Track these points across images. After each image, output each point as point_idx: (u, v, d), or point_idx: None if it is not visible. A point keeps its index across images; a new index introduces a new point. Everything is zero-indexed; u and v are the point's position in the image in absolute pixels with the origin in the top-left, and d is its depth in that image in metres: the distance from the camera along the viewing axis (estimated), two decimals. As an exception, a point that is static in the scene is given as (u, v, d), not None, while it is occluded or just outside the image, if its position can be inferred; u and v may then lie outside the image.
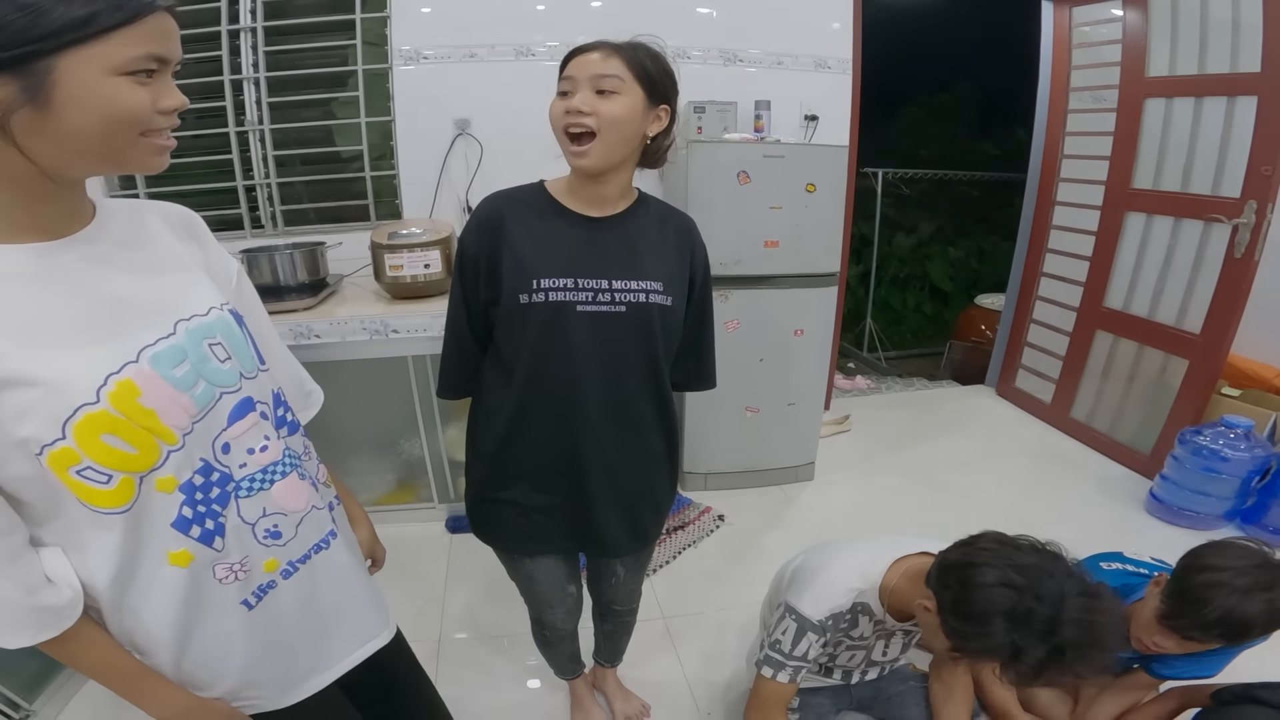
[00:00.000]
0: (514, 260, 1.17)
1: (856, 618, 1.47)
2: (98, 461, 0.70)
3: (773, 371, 2.84)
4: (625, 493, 1.37)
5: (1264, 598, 1.39)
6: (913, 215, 6.35)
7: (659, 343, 1.26)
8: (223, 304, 0.86)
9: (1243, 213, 2.76)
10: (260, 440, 0.86)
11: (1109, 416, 3.47)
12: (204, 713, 0.91)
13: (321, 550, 0.97)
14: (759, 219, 2.61)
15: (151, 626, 0.83)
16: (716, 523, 2.78)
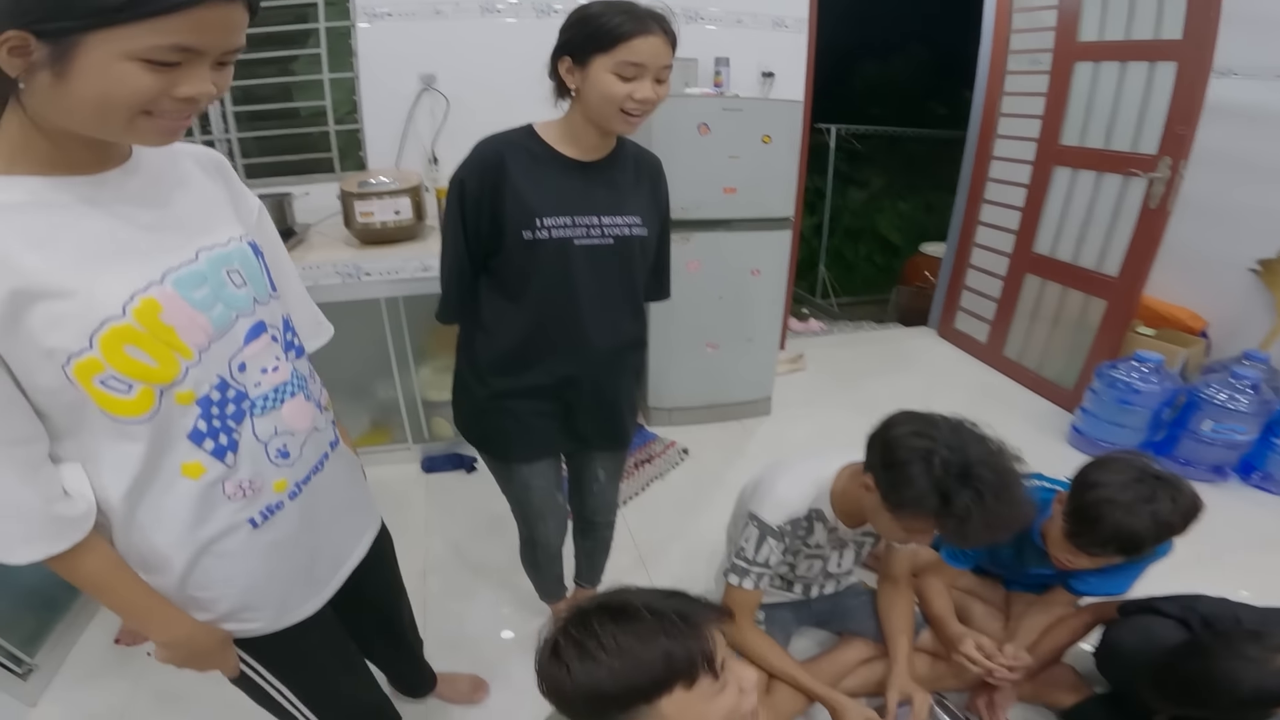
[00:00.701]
0: (517, 200, 1.25)
1: (812, 524, 1.55)
2: (120, 371, 0.72)
3: (731, 309, 2.93)
4: (608, 397, 1.49)
5: (1147, 509, 1.39)
6: (865, 171, 6.46)
7: (639, 269, 1.40)
8: (242, 236, 0.89)
9: (1158, 168, 2.90)
10: (272, 361, 0.89)
11: (1037, 355, 3.64)
12: (205, 638, 0.93)
13: (319, 471, 1.00)
14: (718, 167, 2.68)
15: (160, 543, 0.84)
16: (681, 456, 2.87)
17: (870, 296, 5.55)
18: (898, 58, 6.48)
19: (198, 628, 0.92)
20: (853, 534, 1.57)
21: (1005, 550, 1.77)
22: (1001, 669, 1.56)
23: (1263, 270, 3.16)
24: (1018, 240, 3.68)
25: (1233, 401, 2.63)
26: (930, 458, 1.20)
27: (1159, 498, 1.40)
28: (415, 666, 1.63)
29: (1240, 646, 1.23)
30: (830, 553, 1.66)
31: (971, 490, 1.17)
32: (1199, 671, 1.25)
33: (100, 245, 0.73)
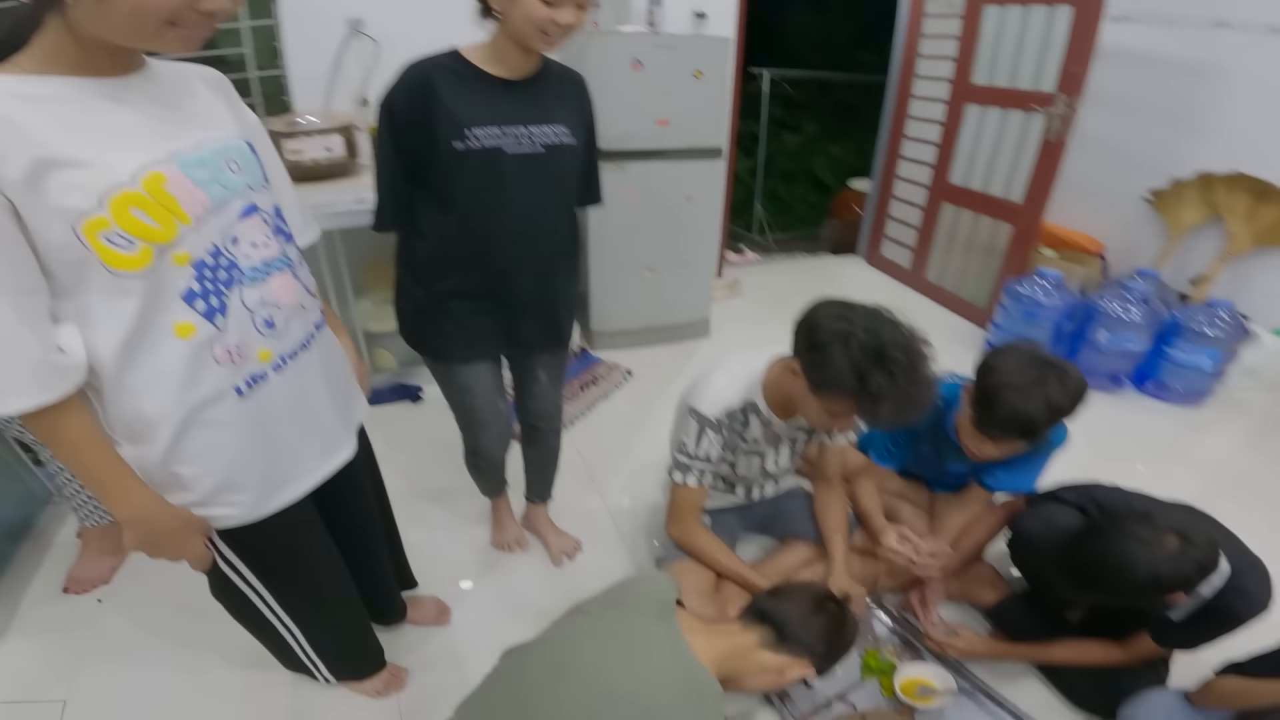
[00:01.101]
0: (446, 114, 1.29)
1: (748, 417, 1.57)
2: (125, 229, 0.78)
3: (667, 234, 3.00)
4: (546, 299, 1.55)
5: (1039, 392, 1.44)
6: (799, 116, 6.50)
7: (570, 176, 1.46)
8: (240, 135, 0.97)
9: (1056, 104, 3.07)
10: (262, 238, 0.95)
11: (954, 277, 3.83)
12: (167, 518, 0.94)
13: (307, 349, 1.05)
14: (651, 101, 2.72)
15: (149, 408, 0.87)
16: (625, 376, 2.94)
17: (804, 232, 5.63)
18: (831, 6, 6.47)
19: (161, 507, 0.94)
20: (785, 428, 1.63)
21: (926, 448, 1.85)
22: (923, 558, 1.65)
23: (1155, 199, 3.38)
24: (935, 172, 3.84)
25: (1125, 313, 2.83)
26: (849, 340, 1.25)
27: (1048, 380, 1.46)
28: (388, 591, 1.61)
29: (1132, 528, 1.26)
30: (767, 449, 1.68)
31: (885, 371, 1.22)
32: (1096, 554, 1.28)
33: (116, 130, 0.80)
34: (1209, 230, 3.21)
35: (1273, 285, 3.04)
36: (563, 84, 1.42)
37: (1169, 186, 3.29)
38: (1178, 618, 1.36)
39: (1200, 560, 1.20)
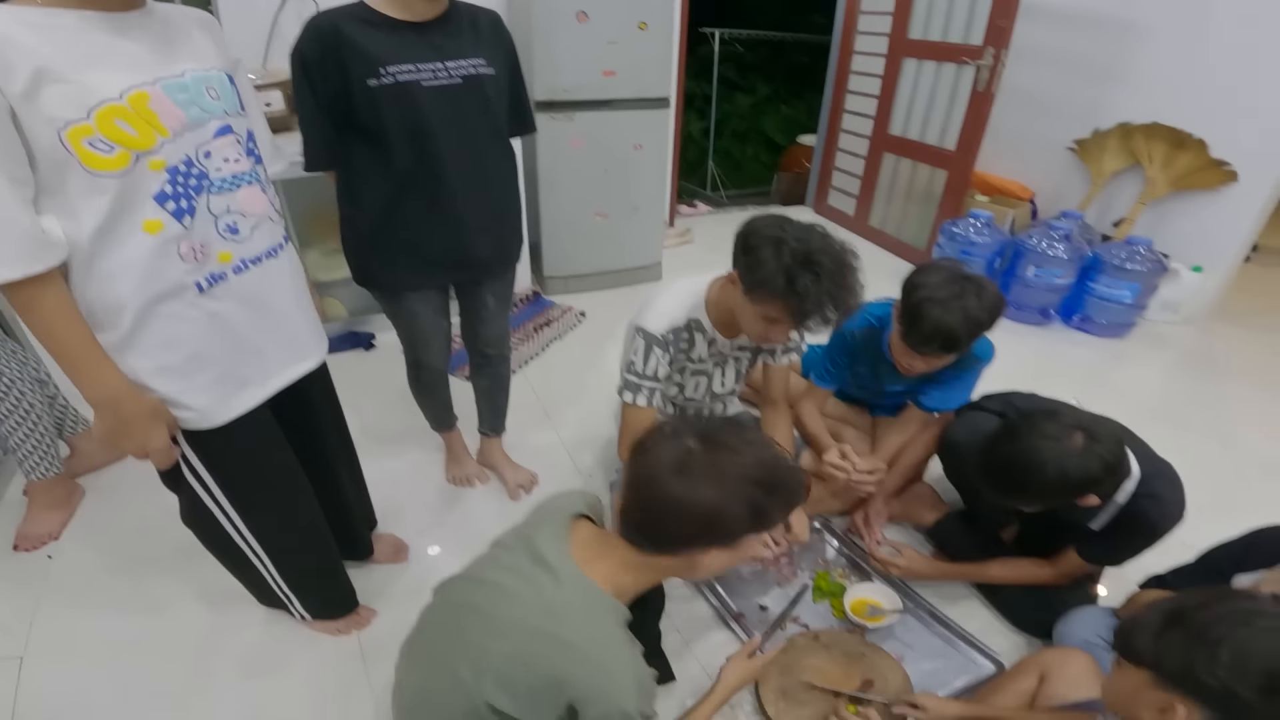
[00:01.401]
0: (357, 54, 1.31)
1: (693, 335, 1.60)
2: (106, 136, 0.87)
3: (617, 180, 2.99)
4: (489, 224, 1.57)
5: (958, 305, 1.47)
6: (752, 78, 6.49)
7: (496, 106, 1.48)
8: (221, 69, 1.05)
9: (984, 56, 3.14)
10: (234, 155, 1.03)
11: (895, 222, 3.93)
12: (133, 402, 0.98)
13: (271, 259, 1.11)
14: (598, 52, 2.70)
15: (114, 294, 0.94)
16: (578, 318, 2.96)
17: (756, 189, 5.67)
18: None
19: (129, 390, 0.98)
20: (729, 346, 1.66)
21: (864, 369, 1.89)
22: (860, 475, 1.67)
23: (1079, 148, 3.48)
24: (875, 124, 3.91)
25: (1050, 249, 2.94)
26: (780, 245, 1.28)
27: (967, 295, 1.49)
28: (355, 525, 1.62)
29: (1042, 425, 1.29)
30: (713, 370, 1.70)
31: (811, 273, 1.25)
32: (1010, 453, 1.30)
33: (111, 56, 0.90)
34: (1129, 176, 3.32)
35: (1189, 226, 3.16)
36: (476, 20, 1.45)
37: (1091, 136, 3.40)
38: (1098, 527, 1.41)
39: (1105, 457, 1.25)
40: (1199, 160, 3.03)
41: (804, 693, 1.40)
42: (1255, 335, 3.16)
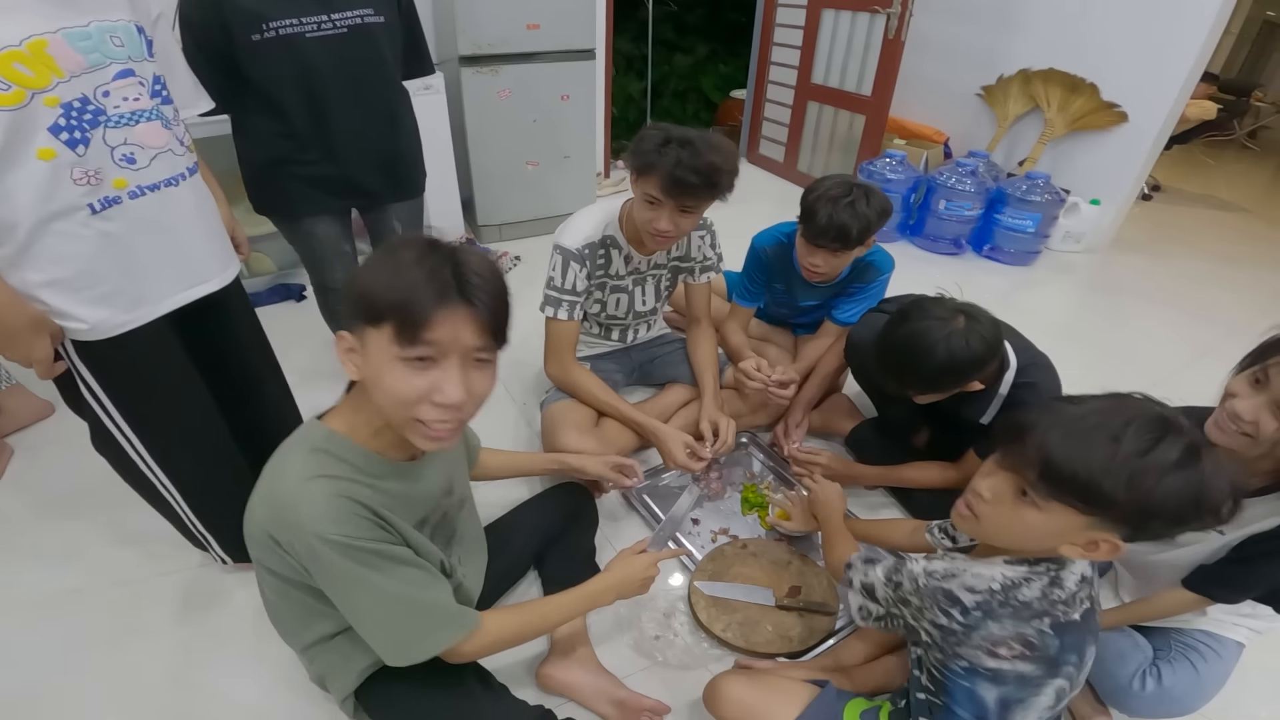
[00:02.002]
0: (238, 10, 1.38)
1: (609, 251, 1.64)
2: (4, 76, 0.90)
3: (546, 130, 2.95)
4: (377, 159, 1.63)
5: (848, 203, 1.59)
6: (690, 39, 6.46)
7: (383, 49, 1.54)
8: (131, 20, 1.07)
9: (893, 4, 3.17)
10: (134, 94, 1.05)
11: (821, 165, 3.97)
12: (15, 312, 0.99)
13: (171, 187, 1.11)
14: (520, 6, 2.64)
15: (9, 212, 0.96)
16: (514, 262, 2.94)
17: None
18: None
19: (11, 300, 0.98)
20: (646, 264, 1.69)
21: (779, 285, 1.94)
22: (775, 385, 1.73)
23: (986, 94, 3.57)
24: (799, 74, 3.92)
25: (959, 184, 3.02)
26: (660, 131, 1.40)
27: (856, 196, 1.60)
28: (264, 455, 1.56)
29: (928, 308, 1.33)
30: (632, 287, 1.74)
31: (679, 145, 1.36)
32: (901, 336, 1.34)
33: (16, 7, 0.93)
34: (1031, 118, 3.43)
35: (1086, 163, 3.29)
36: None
37: (996, 82, 3.49)
38: (987, 421, 1.45)
39: (986, 336, 1.29)
40: (1092, 103, 3.14)
41: (735, 600, 1.42)
42: (1153, 262, 3.32)
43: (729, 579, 1.45)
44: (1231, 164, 6.06)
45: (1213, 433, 1.03)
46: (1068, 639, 0.87)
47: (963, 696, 0.92)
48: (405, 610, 0.89)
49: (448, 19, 2.70)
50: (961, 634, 0.89)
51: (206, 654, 1.35)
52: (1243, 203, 4.63)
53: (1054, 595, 0.87)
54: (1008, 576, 0.88)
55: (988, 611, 0.87)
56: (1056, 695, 0.89)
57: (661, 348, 1.96)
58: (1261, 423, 0.96)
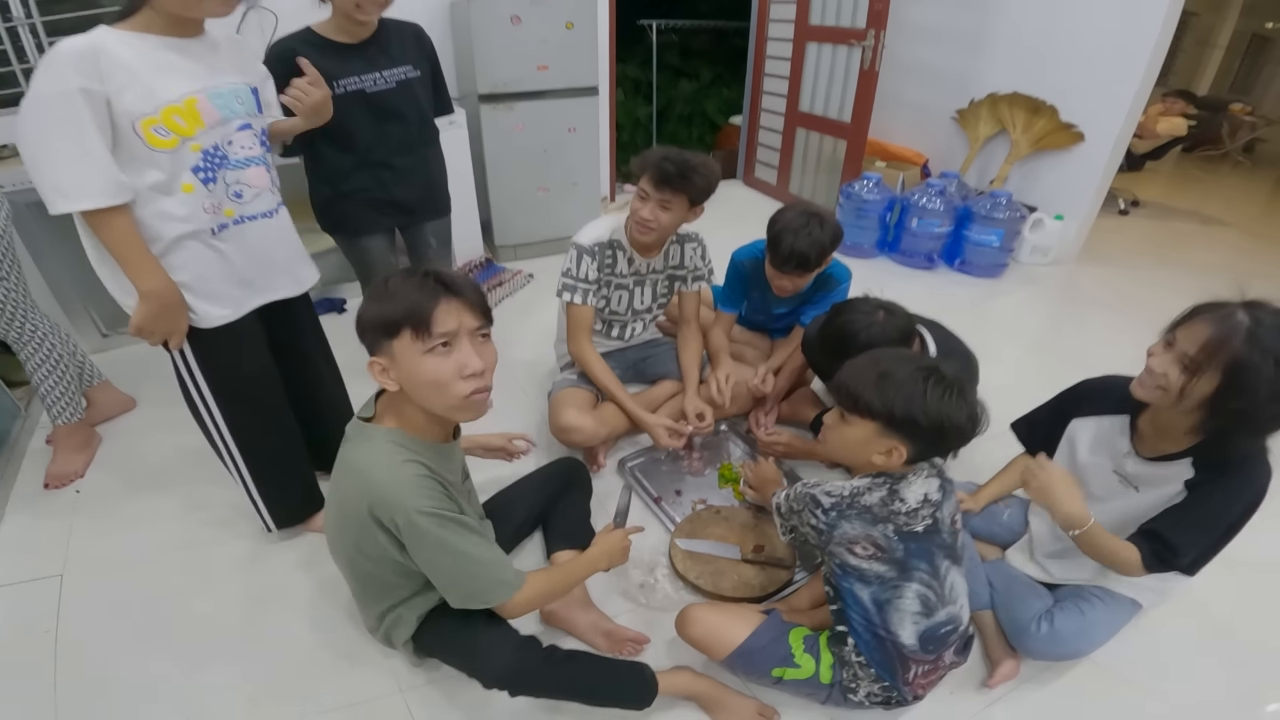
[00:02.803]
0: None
1: (615, 253, 1.91)
2: (166, 126, 1.21)
3: (556, 159, 3.23)
4: (421, 184, 1.95)
5: (805, 233, 1.82)
6: (695, 64, 6.59)
7: (422, 98, 1.88)
8: (246, 82, 1.38)
9: (867, 38, 3.42)
10: (249, 145, 1.36)
11: (810, 188, 4.21)
12: (171, 292, 1.29)
13: (265, 219, 1.42)
14: (531, 50, 2.93)
15: (159, 227, 1.26)
16: (527, 279, 3.21)
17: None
18: None
19: (169, 283, 1.29)
20: (646, 268, 1.96)
21: (755, 295, 2.21)
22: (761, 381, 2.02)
23: (959, 117, 3.80)
24: (788, 103, 4.18)
25: (929, 203, 3.26)
26: (652, 150, 1.71)
27: (812, 225, 1.84)
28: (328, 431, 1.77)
29: (858, 305, 1.64)
30: (633, 287, 2.00)
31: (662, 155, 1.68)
32: (834, 327, 1.64)
33: (176, 69, 1.23)
34: (1000, 139, 3.65)
35: (1050, 180, 3.51)
36: (403, 35, 1.83)
37: (968, 105, 3.73)
38: None
39: (900, 325, 1.58)
40: (1052, 124, 3.36)
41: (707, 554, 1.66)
42: (1119, 272, 3.48)
43: (703, 537, 1.70)
44: (1226, 178, 6.15)
45: (1136, 389, 1.23)
46: (913, 546, 1.14)
47: (849, 598, 1.19)
48: (476, 569, 1.12)
49: (468, 62, 3.00)
50: (826, 531, 1.17)
51: (264, 603, 1.60)
52: (1221, 216, 4.76)
53: (894, 506, 1.15)
54: (854, 486, 1.17)
55: (840, 512, 1.16)
56: (921, 601, 1.15)
57: (654, 348, 2.21)
58: (1170, 375, 1.15)
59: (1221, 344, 1.08)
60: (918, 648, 1.19)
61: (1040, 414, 1.54)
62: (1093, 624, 1.36)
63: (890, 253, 3.58)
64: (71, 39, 1.15)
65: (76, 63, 1.12)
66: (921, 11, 3.78)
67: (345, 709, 1.35)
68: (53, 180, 1.17)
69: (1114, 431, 1.36)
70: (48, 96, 1.13)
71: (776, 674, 1.28)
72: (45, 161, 1.16)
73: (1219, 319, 1.10)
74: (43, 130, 1.15)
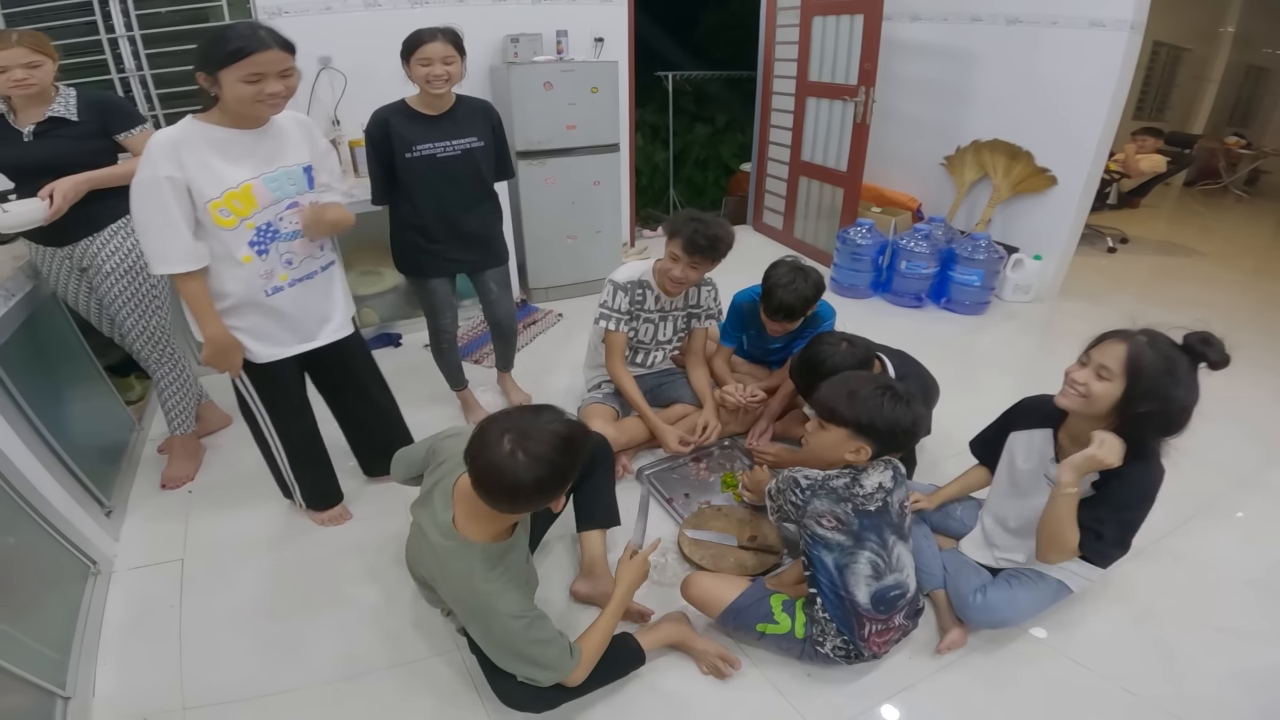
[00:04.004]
0: (399, 138, 2.06)
1: (645, 291, 2.24)
2: (228, 208, 1.50)
3: (583, 210, 3.59)
4: (480, 236, 2.29)
5: (793, 288, 2.16)
6: (711, 109, 6.73)
7: (485, 165, 2.20)
8: (300, 162, 1.62)
9: (859, 94, 3.73)
10: (296, 220, 1.64)
11: (812, 232, 4.49)
12: (228, 339, 1.62)
13: (310, 279, 1.73)
14: (561, 111, 3.33)
15: (224, 288, 1.58)
16: (557, 318, 3.56)
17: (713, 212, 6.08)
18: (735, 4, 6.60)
19: (225, 331, 1.62)
20: (670, 305, 2.30)
21: (753, 332, 2.54)
22: (748, 397, 2.35)
23: (947, 163, 4.11)
24: (792, 153, 4.49)
25: (917, 246, 3.56)
26: (680, 215, 2.07)
27: (798, 280, 2.18)
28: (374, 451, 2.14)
29: (826, 338, 2.02)
30: (659, 321, 2.33)
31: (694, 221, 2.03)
32: (807, 357, 2.01)
33: (238, 158, 1.50)
34: (984, 184, 3.95)
35: (1029, 222, 3.79)
36: (473, 110, 2.17)
37: (955, 152, 4.03)
38: None
39: (858, 354, 1.94)
40: (1029, 169, 3.65)
41: (709, 541, 1.99)
42: (1095, 308, 3.65)
43: (706, 528, 2.03)
44: (1227, 213, 6.23)
45: (1059, 400, 1.50)
46: (866, 521, 1.46)
47: (818, 564, 1.50)
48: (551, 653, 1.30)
49: (506, 123, 3.28)
50: (802, 506, 1.47)
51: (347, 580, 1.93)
52: (1207, 249, 4.90)
53: (855, 490, 1.47)
54: (826, 473, 1.49)
55: (814, 492, 1.47)
56: (872, 566, 1.47)
57: (668, 376, 2.56)
58: (1090, 383, 1.44)
59: (1129, 357, 1.40)
60: (870, 607, 1.49)
61: (989, 430, 1.85)
62: (1019, 597, 1.65)
63: (883, 293, 3.84)
64: (165, 131, 1.45)
65: (166, 154, 1.41)
66: (910, 67, 4.12)
67: (410, 664, 1.65)
68: (150, 248, 1.49)
69: (1041, 442, 1.67)
70: (145, 181, 1.43)
71: (760, 629, 1.59)
72: (143, 232, 1.47)
73: (1127, 338, 1.43)
74: (141, 208, 1.45)
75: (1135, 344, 1.41)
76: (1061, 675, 1.63)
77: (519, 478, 1.10)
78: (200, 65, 1.42)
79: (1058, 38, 3.42)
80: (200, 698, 1.56)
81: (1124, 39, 3.17)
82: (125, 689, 1.59)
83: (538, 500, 1.17)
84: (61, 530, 1.77)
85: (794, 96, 4.35)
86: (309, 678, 1.62)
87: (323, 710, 1.55)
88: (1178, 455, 1.49)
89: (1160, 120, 7.10)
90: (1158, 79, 7.21)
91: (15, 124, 1.84)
